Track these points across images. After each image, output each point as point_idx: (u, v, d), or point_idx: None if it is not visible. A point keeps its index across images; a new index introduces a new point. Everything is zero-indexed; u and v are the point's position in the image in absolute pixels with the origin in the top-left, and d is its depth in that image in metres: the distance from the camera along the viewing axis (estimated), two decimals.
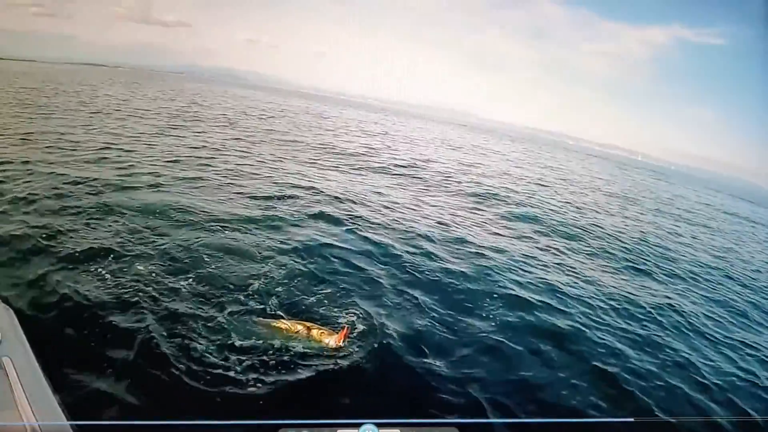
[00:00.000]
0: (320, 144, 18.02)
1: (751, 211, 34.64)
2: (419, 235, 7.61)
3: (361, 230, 7.34)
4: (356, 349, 3.87)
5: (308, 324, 4.21)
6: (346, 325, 4.24)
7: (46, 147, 9.88)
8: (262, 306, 4.46)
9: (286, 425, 2.02)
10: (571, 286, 6.61)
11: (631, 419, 3.62)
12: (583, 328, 5.33)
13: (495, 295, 5.67)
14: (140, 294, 4.26)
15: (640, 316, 6.14)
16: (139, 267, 4.80)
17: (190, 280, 4.72)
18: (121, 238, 5.49)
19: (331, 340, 3.98)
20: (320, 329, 4.12)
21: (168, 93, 35.75)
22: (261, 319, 4.26)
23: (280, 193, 8.81)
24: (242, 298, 4.56)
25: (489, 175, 18.39)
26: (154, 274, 4.70)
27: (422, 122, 71.53)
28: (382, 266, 5.99)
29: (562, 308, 5.76)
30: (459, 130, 68.66)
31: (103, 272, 4.56)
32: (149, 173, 8.75)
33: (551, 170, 27.84)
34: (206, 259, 5.26)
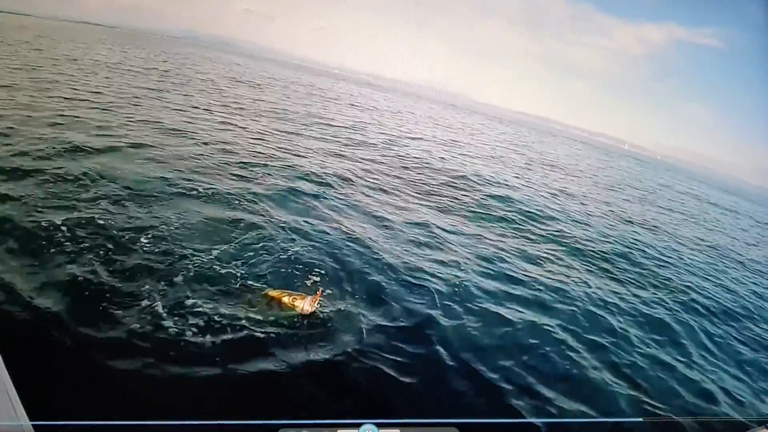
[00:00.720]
0: (307, 113, 17.75)
1: (733, 202, 35.26)
2: (408, 218, 7.20)
3: (342, 203, 7.11)
4: (351, 349, 3.59)
5: (278, 292, 4.01)
6: (320, 289, 4.03)
7: (30, 97, 9.53)
8: (228, 272, 4.23)
9: (286, 425, 1.99)
10: (565, 281, 6.19)
11: (641, 419, 3.50)
12: (582, 321, 5.07)
13: (484, 287, 5.27)
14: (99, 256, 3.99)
15: (634, 308, 5.92)
16: (100, 222, 4.53)
17: (152, 240, 4.45)
18: (89, 196, 5.18)
19: (305, 304, 3.79)
20: (291, 295, 3.93)
21: (161, 56, 34.64)
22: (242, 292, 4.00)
23: (261, 161, 8.46)
24: (208, 262, 4.28)
25: (475, 155, 18.22)
26: (115, 233, 4.42)
27: (414, 100, 70.76)
28: (368, 246, 5.63)
29: (561, 303, 5.37)
30: (450, 110, 68.03)
31: (66, 237, 4.20)
32: (127, 133, 8.34)
33: (539, 154, 27.76)
34: (174, 221, 5.00)
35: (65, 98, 10.31)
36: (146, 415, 2.47)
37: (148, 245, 4.38)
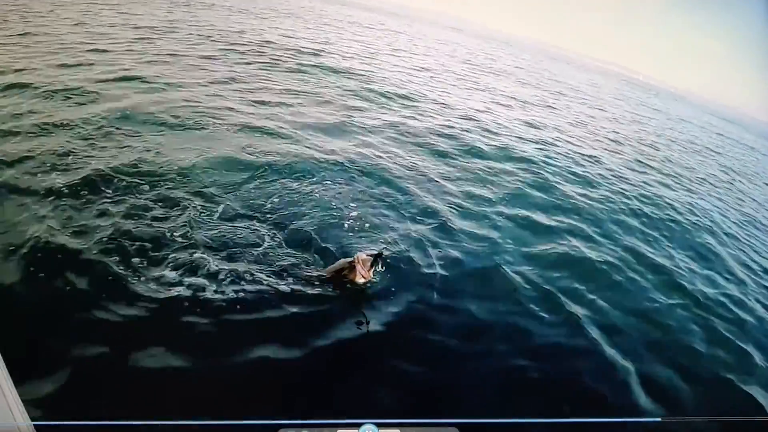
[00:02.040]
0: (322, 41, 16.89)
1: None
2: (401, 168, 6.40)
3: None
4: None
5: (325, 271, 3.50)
6: (381, 250, 3.44)
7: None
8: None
9: (286, 425, 1.94)
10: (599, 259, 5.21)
11: (658, 419, 3.21)
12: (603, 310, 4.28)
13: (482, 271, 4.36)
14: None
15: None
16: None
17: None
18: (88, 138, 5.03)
19: (360, 270, 3.27)
20: (339, 269, 3.36)
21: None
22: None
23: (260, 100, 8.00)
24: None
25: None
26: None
27: (425, 25, 67.01)
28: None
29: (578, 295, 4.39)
30: (462, 35, 64.38)
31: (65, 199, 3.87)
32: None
33: (557, 83, 26.51)
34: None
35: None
36: (144, 414, 2.39)
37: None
